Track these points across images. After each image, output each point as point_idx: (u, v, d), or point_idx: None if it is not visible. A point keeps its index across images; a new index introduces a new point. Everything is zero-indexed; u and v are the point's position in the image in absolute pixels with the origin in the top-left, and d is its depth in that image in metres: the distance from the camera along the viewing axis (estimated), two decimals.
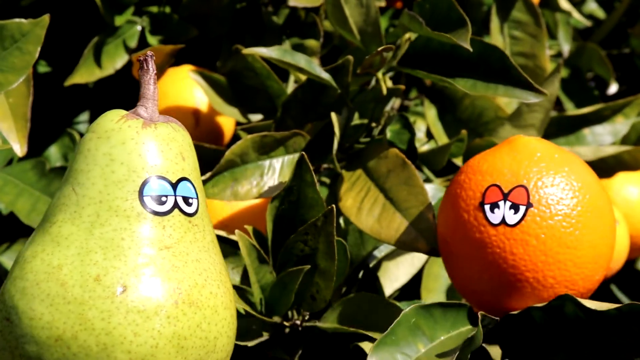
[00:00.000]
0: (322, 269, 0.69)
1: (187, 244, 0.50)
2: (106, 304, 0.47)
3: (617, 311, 0.59)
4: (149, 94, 0.52)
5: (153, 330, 0.48)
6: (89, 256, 0.48)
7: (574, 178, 0.64)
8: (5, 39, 0.77)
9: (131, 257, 0.48)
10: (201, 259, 0.51)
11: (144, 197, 0.49)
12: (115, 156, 0.50)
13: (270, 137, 0.76)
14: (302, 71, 0.75)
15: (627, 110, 0.98)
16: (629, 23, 1.27)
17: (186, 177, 0.51)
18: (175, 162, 0.51)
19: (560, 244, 0.62)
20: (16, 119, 0.81)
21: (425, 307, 0.62)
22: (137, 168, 0.50)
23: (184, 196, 0.50)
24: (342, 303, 0.71)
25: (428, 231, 0.70)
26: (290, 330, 0.72)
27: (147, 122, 0.51)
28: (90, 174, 0.50)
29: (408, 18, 0.72)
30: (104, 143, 0.50)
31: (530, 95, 0.71)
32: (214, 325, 0.50)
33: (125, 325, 0.47)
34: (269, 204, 0.72)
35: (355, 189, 0.75)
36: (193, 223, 0.51)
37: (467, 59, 0.73)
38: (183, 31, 0.96)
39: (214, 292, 0.50)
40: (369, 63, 0.74)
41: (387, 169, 0.73)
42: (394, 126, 0.79)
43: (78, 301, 0.47)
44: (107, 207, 0.49)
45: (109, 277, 0.48)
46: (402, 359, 0.60)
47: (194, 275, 0.50)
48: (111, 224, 0.49)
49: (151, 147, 0.50)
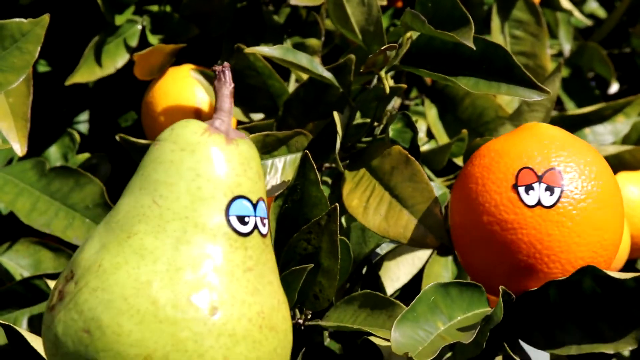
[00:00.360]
0: (325, 268, 0.69)
1: (262, 266, 0.50)
2: (199, 326, 0.47)
3: (635, 282, 0.60)
4: (225, 107, 0.50)
5: (241, 354, 0.47)
6: (178, 274, 0.47)
7: (596, 163, 0.66)
8: (5, 39, 0.77)
9: (219, 278, 0.48)
10: (273, 282, 0.51)
11: (229, 217, 0.49)
12: (201, 172, 0.49)
13: (273, 137, 0.76)
14: (304, 70, 0.75)
15: (628, 109, 0.98)
16: (629, 22, 1.27)
17: (262, 198, 0.51)
18: (254, 182, 0.50)
19: (591, 225, 0.64)
20: (16, 118, 0.81)
21: (444, 286, 0.63)
22: (223, 186, 0.49)
23: (261, 217, 0.50)
24: (345, 301, 0.71)
25: (436, 226, 0.70)
26: (293, 329, 0.71)
27: (228, 139, 0.50)
28: (174, 187, 0.49)
29: (410, 16, 0.72)
30: (188, 156, 0.49)
31: (533, 94, 0.70)
32: (284, 349, 0.50)
33: (216, 348, 0.47)
34: (272, 203, 0.72)
35: (360, 189, 0.74)
36: (266, 244, 0.51)
37: (470, 57, 0.72)
38: (184, 30, 0.96)
39: (285, 317, 0.51)
40: (372, 62, 0.73)
41: (391, 167, 0.73)
42: (396, 125, 0.79)
43: (170, 321, 0.46)
44: (193, 224, 0.48)
45: (200, 297, 0.47)
46: (424, 335, 0.60)
47: (271, 298, 0.50)
48: (198, 242, 0.48)
49: (236, 165, 0.49)
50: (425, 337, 0.60)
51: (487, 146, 0.68)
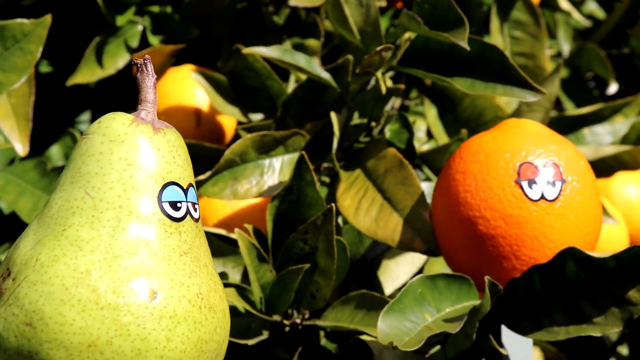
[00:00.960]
0: (321, 268, 0.69)
1: (197, 249, 0.51)
2: (140, 310, 0.47)
3: (616, 262, 0.61)
4: (150, 97, 0.51)
5: (183, 335, 0.48)
6: (116, 261, 0.48)
7: (581, 157, 0.68)
8: (7, 39, 0.77)
9: (158, 263, 0.49)
10: (208, 264, 0.51)
11: (162, 203, 0.50)
12: (132, 161, 0.50)
13: (270, 137, 0.76)
14: (302, 71, 0.76)
15: (627, 110, 0.98)
16: (628, 23, 1.27)
17: (192, 184, 0.52)
18: (184, 169, 0.51)
19: (587, 217, 0.66)
20: (18, 118, 0.82)
21: (430, 278, 0.64)
22: (155, 174, 0.50)
23: (192, 202, 0.51)
24: (342, 301, 0.71)
25: (424, 230, 0.70)
26: (290, 328, 0.72)
27: (155, 128, 0.51)
28: (106, 177, 0.50)
29: (407, 17, 0.72)
30: (118, 147, 0.50)
31: (528, 94, 0.71)
32: (224, 329, 0.51)
33: (159, 330, 0.48)
34: (269, 203, 0.72)
35: (353, 189, 0.75)
36: (198, 228, 0.51)
37: (466, 58, 0.73)
38: (184, 31, 0.96)
39: (222, 297, 0.51)
40: (368, 62, 0.74)
41: (385, 169, 0.74)
42: (393, 126, 0.80)
43: (112, 307, 0.47)
44: (127, 212, 0.49)
45: (140, 282, 0.48)
46: (410, 326, 0.61)
47: (208, 279, 0.50)
48: (134, 229, 0.49)
49: (165, 152, 0.50)
50: (412, 328, 0.61)
51: (477, 143, 0.69)
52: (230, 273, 0.75)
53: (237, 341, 0.69)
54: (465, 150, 0.69)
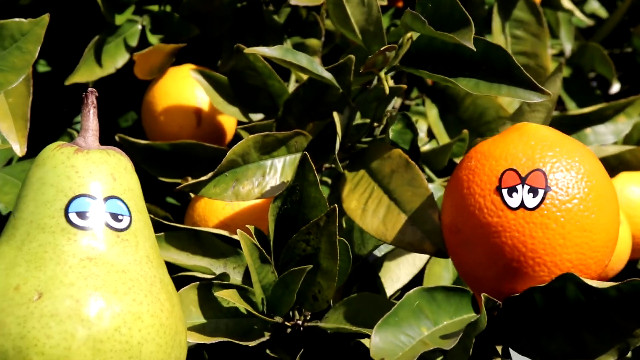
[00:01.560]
0: (324, 269, 0.69)
1: (114, 257, 0.53)
2: (22, 310, 0.50)
3: (617, 291, 0.59)
4: (88, 125, 0.56)
5: (66, 332, 0.50)
6: (14, 270, 0.52)
7: (585, 163, 0.64)
8: (5, 39, 0.77)
9: (51, 267, 0.51)
10: (128, 271, 0.53)
11: (68, 213, 0.53)
12: (46, 180, 0.54)
13: (272, 137, 0.76)
14: (304, 70, 0.75)
15: (630, 109, 0.97)
16: (631, 22, 1.26)
17: (116, 196, 0.54)
18: (104, 182, 0.54)
19: (578, 227, 0.63)
20: (16, 118, 0.81)
21: (428, 291, 0.63)
22: (65, 188, 0.54)
23: (112, 212, 0.54)
24: (344, 303, 0.71)
25: (434, 232, 0.70)
26: (292, 330, 0.71)
27: (80, 149, 0.55)
28: (25, 198, 0.54)
29: (411, 17, 0.72)
30: (39, 169, 0.54)
31: (533, 95, 0.70)
32: (137, 331, 0.52)
33: (38, 328, 0.50)
34: (271, 204, 0.71)
35: (358, 190, 0.74)
36: (122, 238, 0.54)
37: (470, 58, 0.72)
38: (184, 30, 0.96)
39: (137, 300, 0.52)
40: (372, 62, 0.73)
41: (391, 170, 0.73)
42: (397, 126, 0.79)
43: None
44: (36, 225, 0.53)
45: (27, 285, 0.51)
46: (405, 340, 0.60)
47: (116, 283, 0.52)
48: (37, 240, 0.52)
49: (80, 169, 0.54)
50: (407, 342, 0.60)
51: (475, 148, 0.68)
52: (231, 274, 0.75)
53: (238, 342, 0.68)
54: (466, 156, 0.68)
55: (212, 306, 0.70)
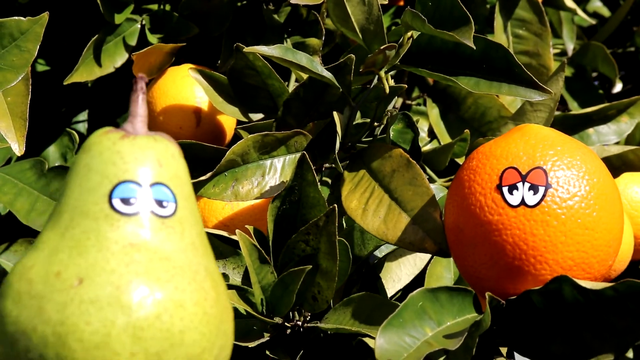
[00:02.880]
0: (323, 270, 0.69)
1: (157, 243, 0.52)
2: (62, 296, 0.50)
3: (614, 291, 0.59)
4: (136, 111, 0.55)
5: (105, 319, 0.49)
6: (56, 256, 0.51)
7: (587, 162, 0.64)
8: (4, 37, 0.76)
9: (92, 254, 0.51)
10: (172, 258, 0.52)
11: (112, 199, 0.52)
12: (92, 166, 0.53)
13: (272, 137, 0.75)
14: (304, 70, 0.74)
15: (632, 109, 0.97)
16: (633, 21, 1.26)
17: (162, 182, 0.54)
18: (150, 168, 0.54)
19: (579, 225, 0.62)
20: (14, 118, 0.81)
21: (432, 291, 0.62)
22: (109, 174, 0.53)
23: (157, 199, 0.53)
24: (344, 303, 0.70)
25: (435, 231, 0.69)
26: (292, 331, 0.71)
27: (127, 135, 0.54)
28: (71, 184, 0.53)
29: (411, 16, 0.71)
30: (85, 155, 0.54)
31: (534, 94, 0.70)
32: (179, 319, 0.51)
33: (77, 315, 0.49)
34: (270, 204, 0.71)
35: (359, 190, 0.74)
36: (167, 224, 0.53)
37: (471, 57, 0.72)
38: (183, 29, 0.95)
39: (180, 288, 0.52)
40: (372, 61, 0.73)
41: (392, 169, 0.72)
42: (397, 125, 0.79)
43: (40, 295, 0.50)
44: (79, 211, 0.52)
45: (69, 271, 0.50)
46: (410, 341, 0.60)
47: (158, 271, 0.51)
48: (81, 226, 0.52)
49: (125, 155, 0.53)
50: (412, 343, 0.60)
51: (477, 150, 0.68)
52: (231, 275, 0.74)
53: (237, 343, 0.68)
54: (469, 156, 0.68)
55: None
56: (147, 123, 0.55)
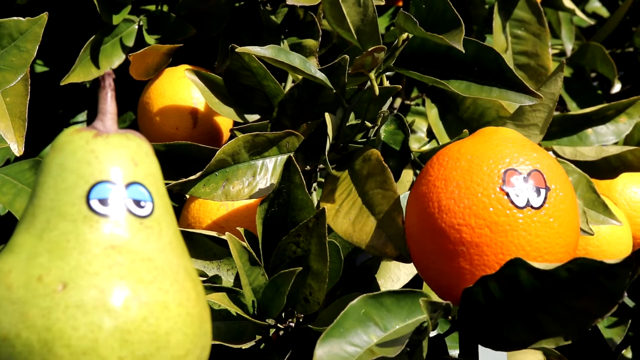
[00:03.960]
0: (314, 271, 0.69)
1: (138, 244, 0.51)
2: (46, 301, 0.49)
3: (568, 272, 0.58)
4: (105, 108, 0.53)
5: (92, 324, 0.49)
6: (35, 260, 0.50)
7: (560, 165, 0.66)
8: (3, 38, 0.77)
9: (74, 257, 0.50)
10: (153, 259, 0.52)
11: (90, 200, 0.51)
12: (66, 165, 0.52)
13: (263, 137, 0.75)
14: (297, 71, 0.74)
15: (631, 110, 0.96)
16: (632, 22, 1.26)
17: (138, 181, 0.53)
18: (125, 168, 0.52)
19: (570, 226, 0.64)
20: (13, 118, 0.81)
21: (375, 297, 0.61)
22: (85, 174, 0.52)
23: (134, 199, 0.52)
24: (336, 304, 0.70)
25: (397, 236, 0.69)
26: (284, 332, 0.71)
27: (99, 133, 0.53)
28: (44, 185, 0.52)
29: (403, 18, 0.71)
30: (57, 155, 0.52)
31: (524, 98, 0.70)
32: (165, 321, 0.50)
33: (64, 320, 0.48)
34: (259, 207, 0.71)
35: (338, 191, 0.74)
36: (145, 225, 0.52)
37: (462, 60, 0.72)
38: (181, 30, 0.95)
39: (164, 289, 0.51)
40: (360, 63, 0.73)
41: (368, 172, 0.72)
42: (389, 127, 0.79)
43: (21, 301, 0.49)
44: (56, 213, 0.51)
45: (51, 276, 0.49)
46: (352, 350, 0.58)
47: (141, 272, 0.51)
48: (59, 228, 0.51)
49: (99, 153, 0.52)
50: (354, 352, 0.58)
51: (456, 150, 0.67)
52: (224, 276, 0.74)
53: (229, 345, 0.68)
54: (444, 157, 0.67)
55: None
56: (116, 121, 0.54)
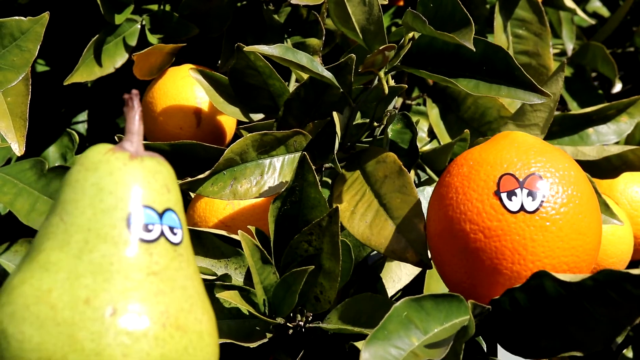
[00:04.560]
0: (326, 270, 0.69)
1: (173, 272, 0.52)
2: (96, 326, 0.48)
3: (593, 281, 0.59)
4: (134, 129, 0.53)
5: (142, 351, 0.49)
6: (78, 280, 0.49)
7: (573, 169, 0.65)
8: (4, 37, 0.76)
9: (120, 281, 0.50)
10: (187, 287, 0.52)
11: (131, 224, 0.51)
12: (103, 186, 0.51)
13: (271, 136, 0.75)
14: (304, 69, 0.74)
15: (632, 109, 0.97)
16: (633, 21, 1.26)
17: (171, 208, 0.53)
18: (160, 193, 0.53)
19: (574, 230, 0.63)
20: (14, 118, 0.81)
21: (416, 300, 0.62)
22: (125, 197, 0.51)
23: (169, 226, 0.52)
24: (346, 304, 0.70)
25: (418, 242, 0.69)
26: (294, 331, 0.71)
27: (133, 155, 0.53)
28: (79, 203, 0.51)
29: (412, 17, 0.71)
30: (92, 174, 0.52)
31: (533, 97, 0.70)
32: (200, 351, 0.51)
33: (114, 346, 0.48)
34: (271, 204, 0.71)
35: (351, 191, 0.74)
36: (178, 252, 0.52)
37: (471, 59, 0.72)
38: (183, 30, 0.95)
39: (199, 319, 0.52)
40: (371, 62, 0.73)
41: (384, 174, 0.72)
42: (396, 126, 0.79)
43: (68, 323, 0.48)
44: (95, 234, 0.51)
45: (99, 299, 0.49)
46: (396, 353, 0.59)
47: (181, 301, 0.51)
48: (100, 250, 0.50)
49: (138, 178, 0.52)
50: (398, 355, 0.59)
51: (463, 156, 0.68)
52: (233, 275, 0.74)
53: (239, 344, 0.68)
54: (454, 163, 0.68)
55: (214, 307, 0.70)
56: (142, 142, 0.54)
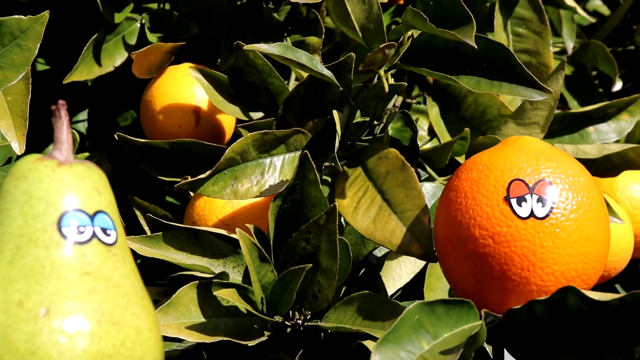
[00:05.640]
0: (324, 268, 0.69)
1: (108, 271, 0.53)
2: (29, 326, 0.50)
3: (619, 301, 0.59)
4: (62, 138, 0.55)
5: (77, 348, 0.50)
6: (11, 285, 0.51)
7: (582, 174, 0.65)
8: (4, 36, 0.76)
9: (52, 283, 0.51)
10: (123, 285, 0.53)
11: (62, 227, 0.52)
12: (32, 193, 0.53)
13: (271, 135, 0.75)
14: (304, 68, 0.74)
15: (632, 107, 0.97)
16: (633, 20, 1.26)
17: (103, 210, 0.54)
18: (91, 196, 0.54)
19: (584, 236, 0.63)
20: (14, 116, 0.81)
21: (428, 304, 0.62)
22: (54, 202, 0.53)
23: (102, 227, 0.54)
24: (344, 302, 0.70)
25: (423, 235, 0.69)
26: (292, 329, 0.71)
27: (62, 162, 0.54)
28: (10, 212, 0.53)
29: (412, 14, 0.71)
30: (21, 182, 0.53)
31: (535, 94, 0.70)
32: (139, 345, 0.52)
33: (49, 345, 0.49)
34: (271, 203, 0.71)
35: (353, 188, 0.74)
36: (113, 252, 0.54)
37: (472, 56, 0.72)
38: (183, 28, 0.95)
39: (136, 314, 0.53)
40: (371, 60, 0.72)
41: (386, 170, 0.72)
42: (396, 124, 0.79)
43: (2, 326, 0.50)
44: (27, 239, 0.52)
45: (32, 301, 0.50)
46: (406, 356, 0.59)
47: (116, 298, 0.52)
48: (32, 254, 0.52)
49: (67, 183, 0.53)
50: (408, 358, 0.59)
51: (472, 160, 0.67)
52: (231, 274, 0.74)
53: (237, 342, 0.68)
54: (462, 167, 0.67)
55: (212, 305, 0.70)
56: (72, 150, 0.55)
